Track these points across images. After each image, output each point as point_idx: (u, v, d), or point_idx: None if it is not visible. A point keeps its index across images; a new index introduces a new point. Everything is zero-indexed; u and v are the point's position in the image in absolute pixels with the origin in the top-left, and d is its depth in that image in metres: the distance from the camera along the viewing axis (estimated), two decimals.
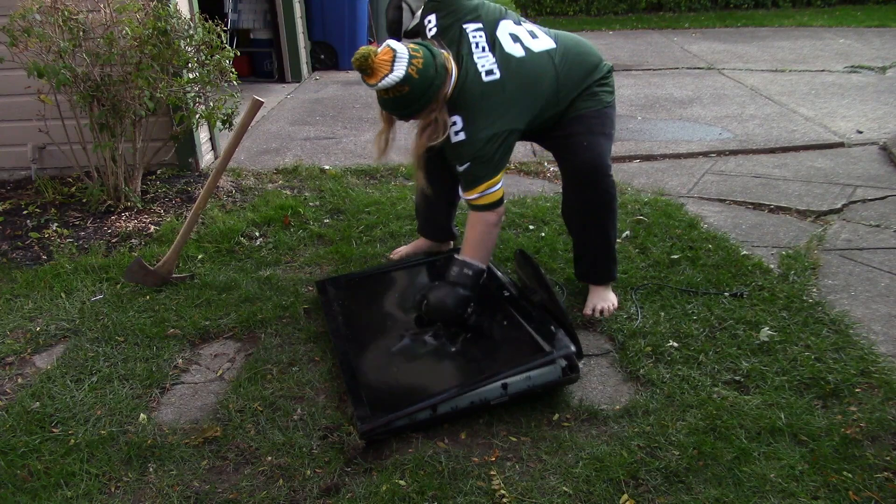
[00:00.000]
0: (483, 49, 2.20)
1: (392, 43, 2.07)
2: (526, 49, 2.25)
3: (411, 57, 2.05)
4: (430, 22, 2.31)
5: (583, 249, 2.57)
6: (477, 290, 2.28)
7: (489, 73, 2.17)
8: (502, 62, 2.19)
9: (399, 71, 2.03)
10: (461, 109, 2.17)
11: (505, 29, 2.26)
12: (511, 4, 11.86)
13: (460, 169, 2.23)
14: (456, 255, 2.31)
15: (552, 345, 2.06)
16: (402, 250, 2.98)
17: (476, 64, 2.17)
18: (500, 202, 2.26)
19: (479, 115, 2.16)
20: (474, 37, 2.21)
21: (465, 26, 2.23)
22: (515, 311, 2.30)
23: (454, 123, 2.17)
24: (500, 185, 2.25)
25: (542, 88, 2.27)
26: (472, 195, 2.24)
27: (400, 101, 2.11)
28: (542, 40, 2.31)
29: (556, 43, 2.33)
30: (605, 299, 2.52)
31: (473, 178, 2.22)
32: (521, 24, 2.32)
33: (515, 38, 2.25)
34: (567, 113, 2.36)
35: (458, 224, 3.22)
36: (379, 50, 2.04)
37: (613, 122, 2.44)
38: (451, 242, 2.99)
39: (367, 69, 2.03)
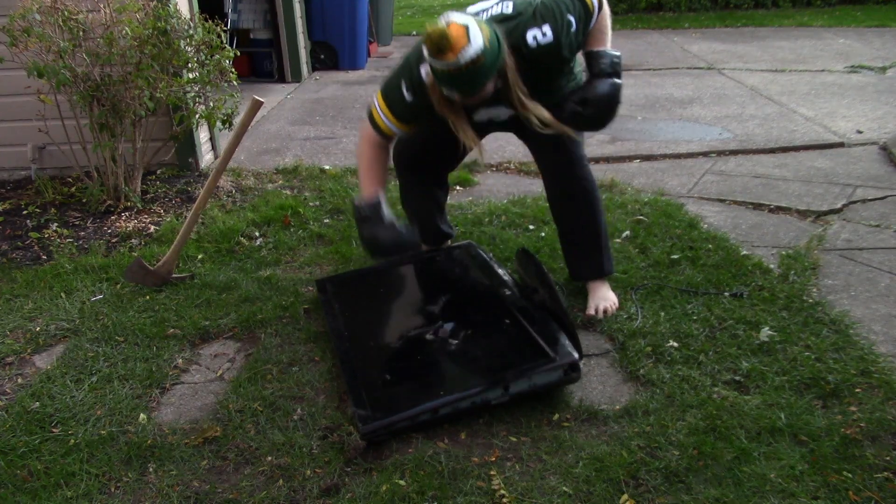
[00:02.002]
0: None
1: (453, 16, 1.98)
2: None
3: (479, 26, 1.96)
4: None
5: (571, 242, 2.57)
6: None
7: (506, 6, 2.14)
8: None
9: (478, 41, 1.94)
10: (530, 27, 2.10)
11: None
12: None
13: (574, 29, 2.13)
14: (597, 49, 2.23)
15: (555, 350, 2.06)
16: None
17: (496, 13, 2.14)
18: None
19: (538, 16, 2.10)
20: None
21: None
22: (517, 310, 2.30)
23: (534, 38, 2.09)
24: None
25: None
26: (594, 15, 2.19)
27: (473, 74, 1.98)
28: None
29: None
30: (605, 298, 2.51)
31: (584, 13, 2.16)
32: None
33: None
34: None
35: (458, 224, 3.23)
36: (445, 24, 1.94)
37: None
38: (449, 241, 2.99)
39: (446, 45, 1.93)
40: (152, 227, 3.38)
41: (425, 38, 1.95)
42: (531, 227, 3.20)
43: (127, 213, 3.52)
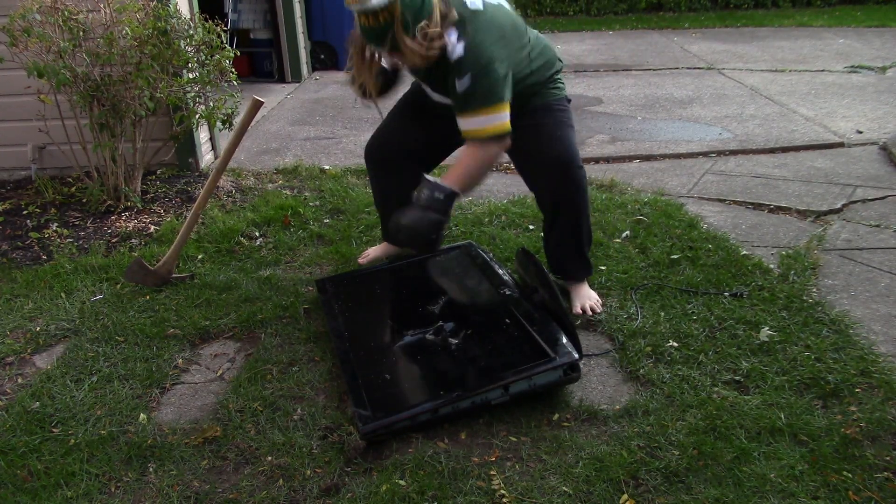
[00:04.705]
0: None
1: None
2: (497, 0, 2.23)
3: None
4: None
5: (559, 243, 2.57)
6: (449, 214, 2.16)
7: (473, 3, 2.09)
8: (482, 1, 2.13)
9: None
10: (457, 30, 2.05)
11: None
12: (511, 4, 11.87)
13: (461, 89, 2.07)
14: (427, 177, 2.17)
15: (555, 350, 2.06)
16: (371, 253, 2.94)
17: None
18: (506, 135, 2.12)
19: (476, 35, 2.05)
20: None
21: None
22: (517, 310, 2.30)
23: (450, 39, 2.04)
24: (507, 117, 2.11)
25: (521, 35, 2.24)
26: (477, 118, 2.09)
27: (384, 29, 1.92)
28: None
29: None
30: (589, 297, 2.54)
31: (479, 97, 2.07)
32: None
33: None
34: (532, 101, 2.34)
35: (458, 224, 3.22)
36: None
37: (572, 116, 2.48)
38: None
39: None
40: (152, 227, 3.38)
41: None
42: (531, 227, 3.20)
43: (127, 213, 3.52)
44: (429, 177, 2.18)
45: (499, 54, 2.09)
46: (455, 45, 2.05)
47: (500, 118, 2.11)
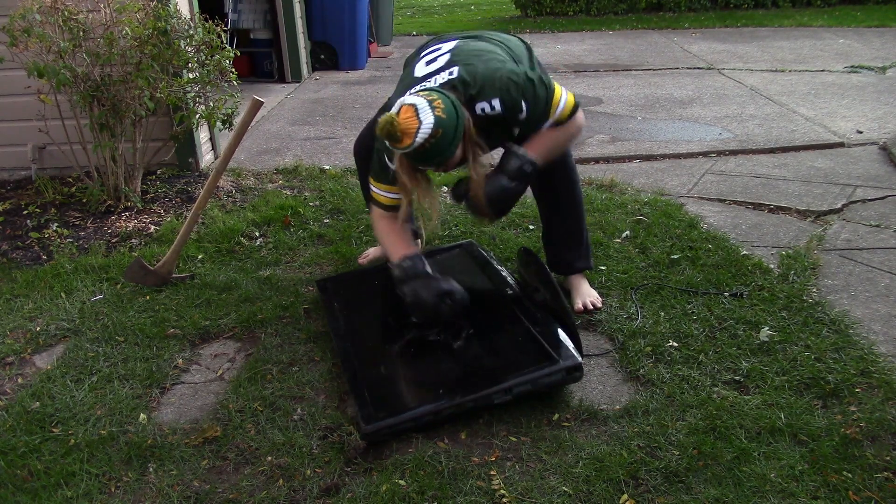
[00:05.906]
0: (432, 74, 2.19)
1: (404, 99, 1.98)
2: (450, 43, 2.30)
3: (430, 101, 1.95)
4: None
5: (560, 234, 2.61)
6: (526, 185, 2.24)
7: (452, 71, 2.15)
8: (453, 61, 2.20)
9: (428, 118, 1.92)
10: (479, 100, 2.11)
11: (422, 60, 2.29)
12: (511, 5, 11.87)
13: (526, 116, 2.14)
14: (514, 146, 2.17)
15: (557, 350, 2.06)
16: (371, 253, 2.95)
17: (443, 81, 2.14)
18: (578, 105, 2.20)
19: (488, 88, 2.09)
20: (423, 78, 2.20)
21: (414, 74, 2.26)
22: (519, 310, 2.30)
23: (482, 110, 2.09)
24: (566, 92, 2.19)
25: (491, 39, 2.32)
26: (552, 117, 2.18)
27: (436, 148, 1.97)
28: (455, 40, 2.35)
29: (468, 35, 2.38)
30: (589, 293, 2.55)
31: (542, 106, 2.14)
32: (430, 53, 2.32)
33: (432, 60, 2.26)
34: None
35: (458, 224, 3.22)
36: (395, 112, 1.94)
37: None
38: (419, 242, 2.98)
39: (397, 134, 1.91)
40: (152, 227, 3.38)
41: (378, 130, 1.94)
42: (531, 227, 3.20)
43: (127, 213, 3.52)
44: (516, 147, 2.18)
45: (510, 65, 2.16)
46: (492, 109, 2.09)
47: (564, 98, 2.18)
